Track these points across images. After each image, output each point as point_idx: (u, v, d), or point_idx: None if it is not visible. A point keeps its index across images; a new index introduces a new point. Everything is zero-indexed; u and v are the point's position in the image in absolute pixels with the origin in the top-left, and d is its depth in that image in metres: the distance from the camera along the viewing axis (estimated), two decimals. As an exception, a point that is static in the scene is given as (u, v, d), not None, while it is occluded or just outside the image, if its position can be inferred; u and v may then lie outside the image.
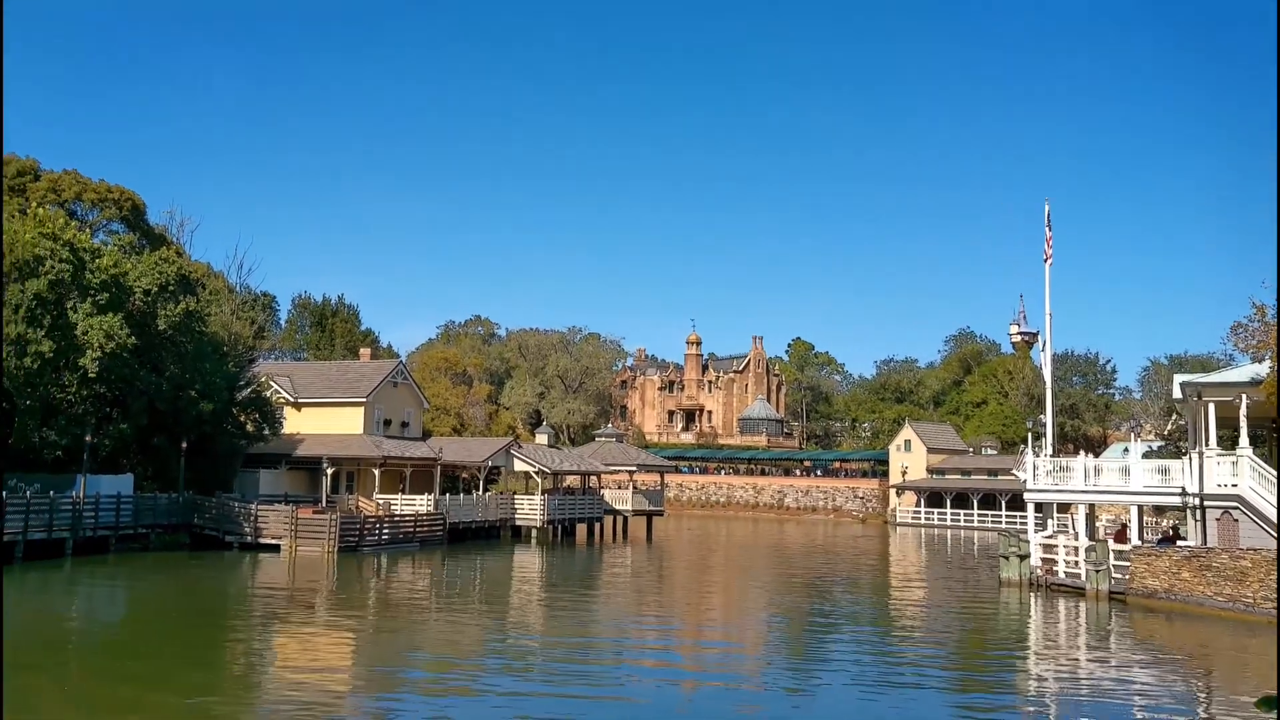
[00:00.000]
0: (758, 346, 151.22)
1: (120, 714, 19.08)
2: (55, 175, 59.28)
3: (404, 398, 70.00)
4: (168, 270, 53.78)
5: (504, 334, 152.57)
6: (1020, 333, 48.58)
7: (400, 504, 59.98)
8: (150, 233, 63.79)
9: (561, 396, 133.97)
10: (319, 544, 50.10)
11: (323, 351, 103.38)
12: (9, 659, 23.78)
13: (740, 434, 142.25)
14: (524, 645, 27.77)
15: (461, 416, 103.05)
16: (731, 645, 29.35)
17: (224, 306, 66.98)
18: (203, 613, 33.21)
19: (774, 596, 41.12)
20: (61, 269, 47.55)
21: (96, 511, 46.79)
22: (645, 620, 34.13)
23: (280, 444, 61.84)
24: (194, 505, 52.46)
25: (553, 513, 65.42)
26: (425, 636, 29.29)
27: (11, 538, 42.01)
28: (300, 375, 69.73)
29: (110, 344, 47.37)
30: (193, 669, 23.42)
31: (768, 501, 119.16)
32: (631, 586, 44.17)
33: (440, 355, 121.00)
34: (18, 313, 45.64)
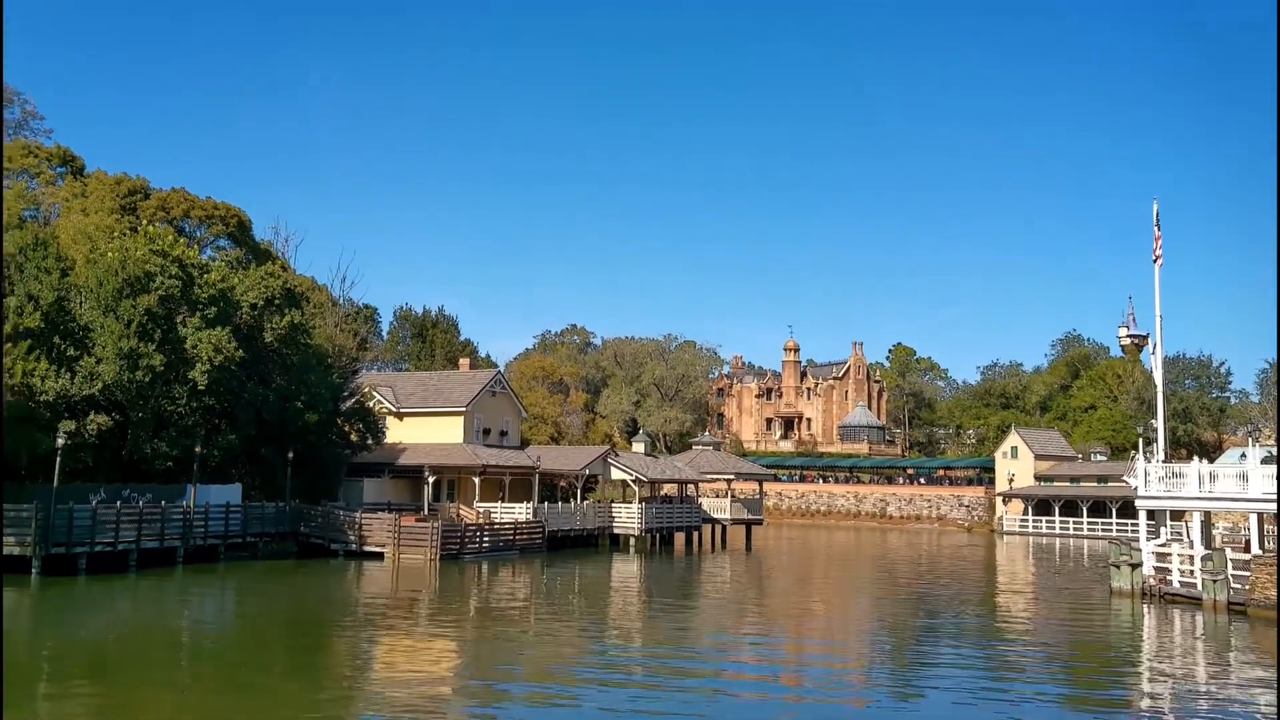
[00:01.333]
0: (857, 352, 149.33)
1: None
2: (164, 194, 61.17)
3: (502, 407, 70.59)
4: (273, 284, 55.10)
5: (599, 343, 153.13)
6: (1130, 335, 47.05)
7: (500, 512, 60.45)
8: (256, 248, 65.41)
9: (658, 404, 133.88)
10: (421, 552, 50.71)
11: (423, 362, 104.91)
12: (123, 666, 24.50)
13: (840, 441, 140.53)
14: (623, 656, 27.61)
15: (558, 425, 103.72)
16: (833, 657, 28.79)
17: (328, 319, 68.37)
18: (309, 620, 33.81)
19: (877, 607, 40.36)
20: (171, 284, 49.03)
21: (206, 521, 48.00)
22: (745, 631, 33.71)
23: (383, 453, 62.88)
24: (300, 514, 53.53)
25: (650, 521, 65.28)
26: (526, 645, 29.30)
27: (125, 547, 43.35)
28: (402, 385, 70.85)
29: (219, 357, 48.67)
30: (299, 676, 23.79)
31: (870, 510, 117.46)
32: (731, 596, 43.76)
33: (537, 364, 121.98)
34: (130, 327, 47.15)
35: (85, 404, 45.46)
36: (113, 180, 60.52)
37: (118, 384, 46.41)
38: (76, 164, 65.64)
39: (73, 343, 46.93)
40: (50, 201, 61.78)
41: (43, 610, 34.16)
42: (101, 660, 25.48)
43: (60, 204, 60.63)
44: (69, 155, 65.95)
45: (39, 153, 65.64)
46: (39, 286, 46.82)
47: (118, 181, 60.35)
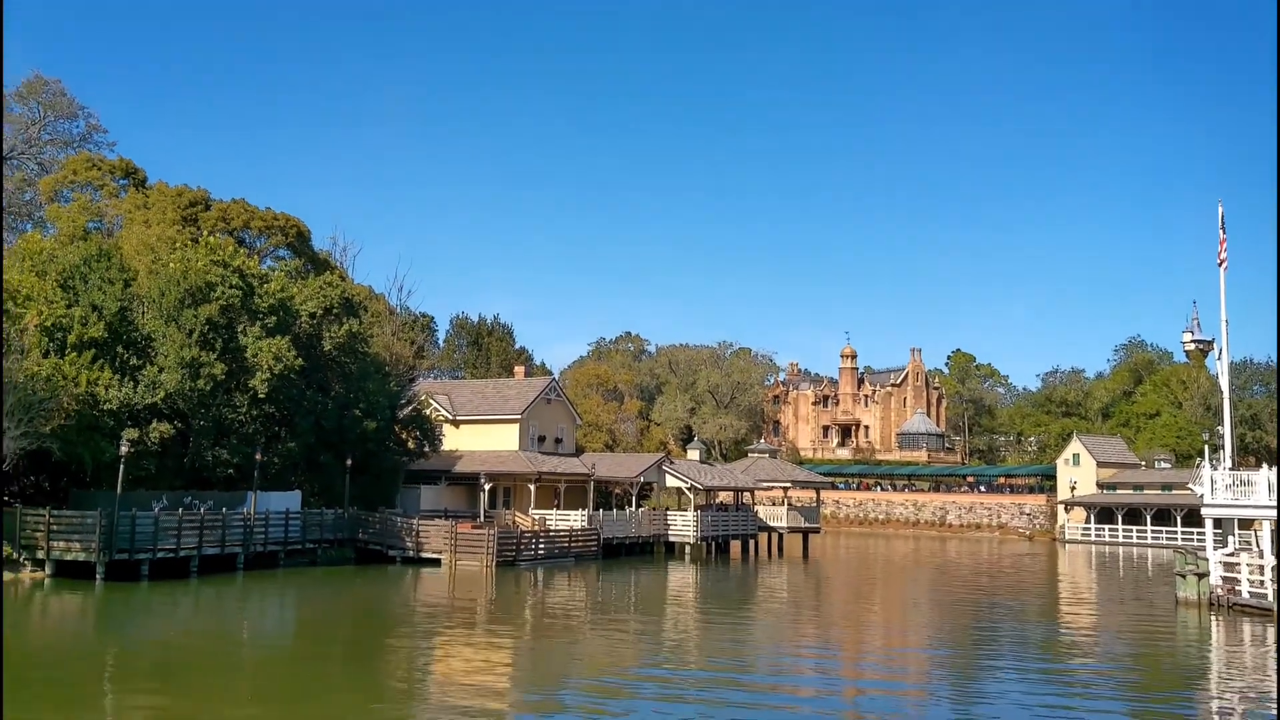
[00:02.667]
0: (916, 359, 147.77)
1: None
2: (225, 205, 62.08)
3: (557, 414, 70.72)
4: (332, 294, 55.68)
5: (654, 350, 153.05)
6: (1194, 340, 46.00)
7: (555, 519, 60.52)
8: (315, 258, 66.19)
9: (713, 412, 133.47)
10: (478, 558, 50.89)
11: (479, 370, 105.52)
12: (184, 671, 24.76)
13: (899, 449, 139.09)
14: (680, 666, 27.40)
15: (613, 432, 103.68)
16: (893, 668, 28.36)
17: (385, 328, 69.04)
18: (367, 626, 34.02)
19: (937, 618, 39.77)
20: (232, 294, 49.69)
21: (266, 527, 48.51)
22: (803, 640, 33.37)
23: (440, 460, 63.26)
24: (358, 520, 53.96)
25: (706, 529, 64.98)
26: (582, 653, 29.22)
27: (187, 553, 43.93)
28: (458, 393, 71.26)
29: (279, 366, 49.23)
30: (357, 683, 23.89)
31: (929, 519, 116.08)
32: (788, 605, 43.37)
33: (591, 372, 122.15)
34: (191, 337, 47.87)
35: (148, 412, 46.19)
36: (174, 192, 61.51)
37: (180, 393, 47.12)
38: (139, 176, 66.82)
39: (135, 352, 47.75)
40: (113, 213, 62.94)
41: (106, 615, 34.73)
42: (163, 665, 25.77)
43: (123, 216, 61.72)
44: (131, 168, 67.18)
45: (102, 165, 66.94)
46: (103, 297, 47.70)
47: (179, 193, 61.31)
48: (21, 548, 41.09)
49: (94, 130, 76.59)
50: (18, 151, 74.24)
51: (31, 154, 74.61)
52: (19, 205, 73.47)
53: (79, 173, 65.87)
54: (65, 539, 41.02)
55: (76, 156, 69.49)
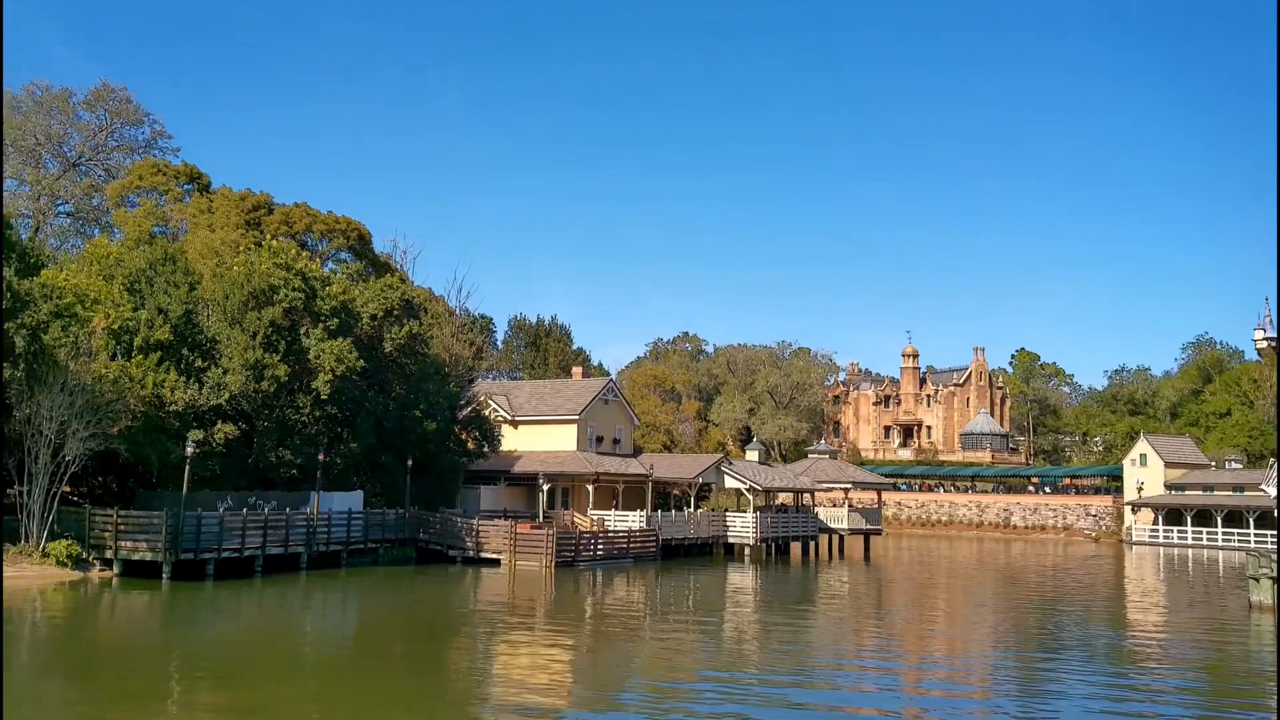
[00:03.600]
0: (979, 358, 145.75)
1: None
2: (287, 208, 62.83)
3: (615, 415, 70.71)
4: (392, 296, 56.13)
5: (712, 350, 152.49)
6: (1266, 338, 44.86)
7: (613, 520, 60.45)
8: (375, 260, 66.81)
9: (772, 412, 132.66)
10: (537, 559, 50.97)
11: (537, 371, 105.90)
12: (248, 669, 25.00)
13: (962, 450, 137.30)
14: (739, 668, 27.16)
15: (671, 433, 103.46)
16: (955, 673, 27.82)
17: (445, 329, 69.49)
18: (428, 626, 34.17)
19: (1001, 622, 39.08)
20: (295, 297, 50.26)
21: (329, 527, 48.95)
22: (864, 643, 32.92)
23: (499, 461, 63.53)
24: (419, 521, 54.30)
25: (766, 530, 64.54)
26: (641, 655, 29.07)
27: (251, 552, 44.46)
28: (516, 394, 71.52)
29: (340, 367, 49.71)
30: (418, 682, 23.97)
31: (992, 520, 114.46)
32: (849, 608, 42.87)
33: (649, 372, 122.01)
34: (255, 339, 48.48)
35: (213, 414, 46.85)
36: (237, 196, 62.39)
37: (244, 394, 47.76)
38: (203, 181, 67.89)
39: (201, 354, 48.47)
40: (178, 218, 63.98)
41: (172, 614, 35.20)
42: (227, 664, 26.02)
43: (188, 220, 62.73)
44: (196, 173, 68.28)
45: (167, 171, 68.07)
46: (168, 300, 48.48)
47: (242, 197, 62.17)
48: (90, 547, 41.85)
49: (159, 136, 78.10)
50: (85, 158, 75.88)
51: (99, 160, 76.24)
52: (87, 210, 75.09)
53: (145, 178, 67.03)
54: (133, 539, 41.69)
55: (142, 162, 70.74)
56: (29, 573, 39.34)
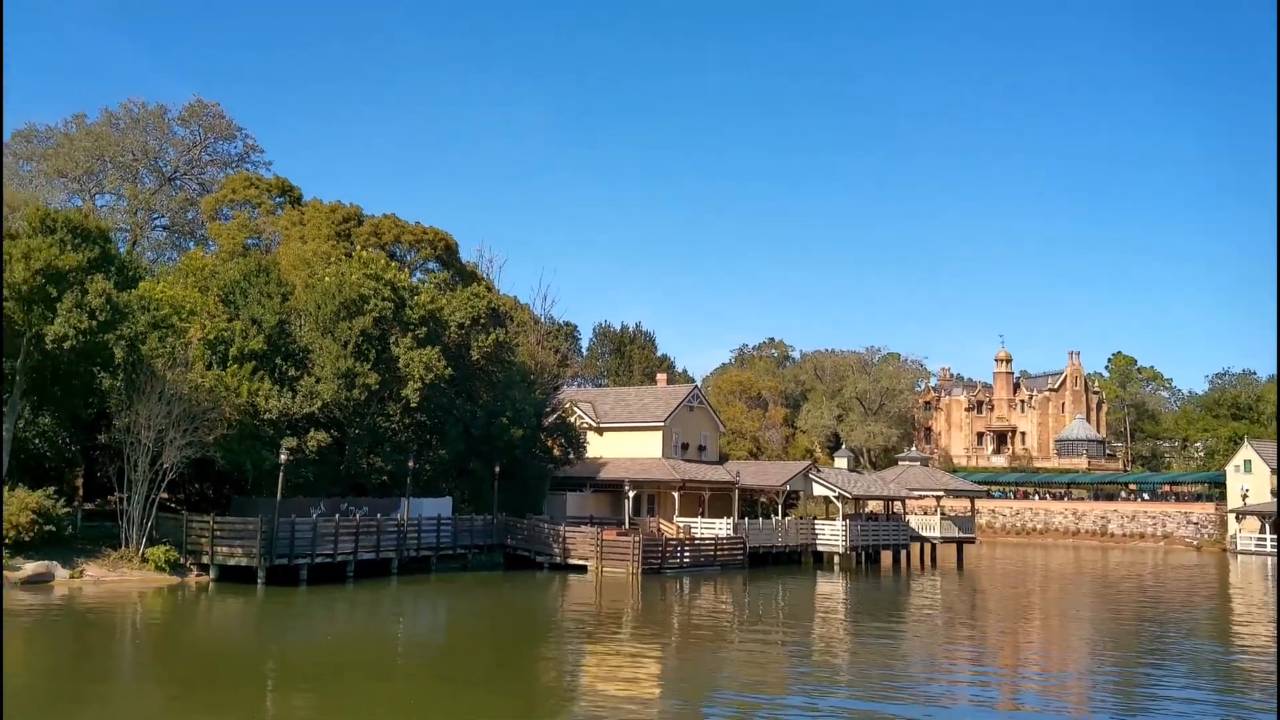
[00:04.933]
0: (1074, 362, 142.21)
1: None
2: (376, 220, 63.74)
3: (700, 421, 70.37)
4: (479, 304, 56.57)
5: (798, 356, 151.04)
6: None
7: (700, 527, 60.09)
8: (462, 270, 67.41)
9: (861, 419, 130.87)
10: (623, 565, 50.83)
11: (621, 378, 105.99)
12: (341, 674, 25.21)
13: (1057, 456, 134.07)
14: (829, 678, 26.66)
15: (757, 440, 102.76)
16: (1051, 687, 26.90)
17: (530, 337, 69.86)
18: (517, 632, 34.25)
19: (1100, 634, 37.86)
20: (384, 307, 50.90)
21: (419, 533, 49.41)
22: (957, 655, 32.12)
23: (584, 467, 63.61)
24: (507, 527, 54.57)
25: (855, 539, 63.61)
26: (729, 663, 28.73)
27: (344, 558, 45.05)
28: (601, 401, 71.58)
29: (429, 375, 50.19)
30: (507, 687, 23.99)
31: (1089, 528, 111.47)
32: (942, 618, 41.93)
33: (735, 379, 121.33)
34: (346, 348, 49.19)
35: (306, 421, 47.59)
36: (328, 208, 63.43)
37: (336, 402, 48.46)
38: (294, 194, 69.23)
39: (293, 363, 49.31)
40: (271, 230, 65.30)
41: (267, 619, 35.77)
42: (320, 668, 26.33)
43: (280, 232, 63.96)
44: (287, 186, 69.65)
45: (259, 184, 69.57)
46: (262, 310, 49.42)
47: (333, 209, 63.20)
48: (187, 553, 42.76)
49: (251, 150, 79.95)
50: (180, 173, 77.98)
51: (193, 174, 78.29)
52: (183, 224, 77.14)
53: (238, 191, 68.57)
54: (228, 544, 42.50)
55: (235, 176, 72.39)
56: (129, 577, 40.35)
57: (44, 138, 75.89)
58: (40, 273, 37.73)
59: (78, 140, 73.99)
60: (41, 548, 39.34)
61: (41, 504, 39.43)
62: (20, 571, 37.75)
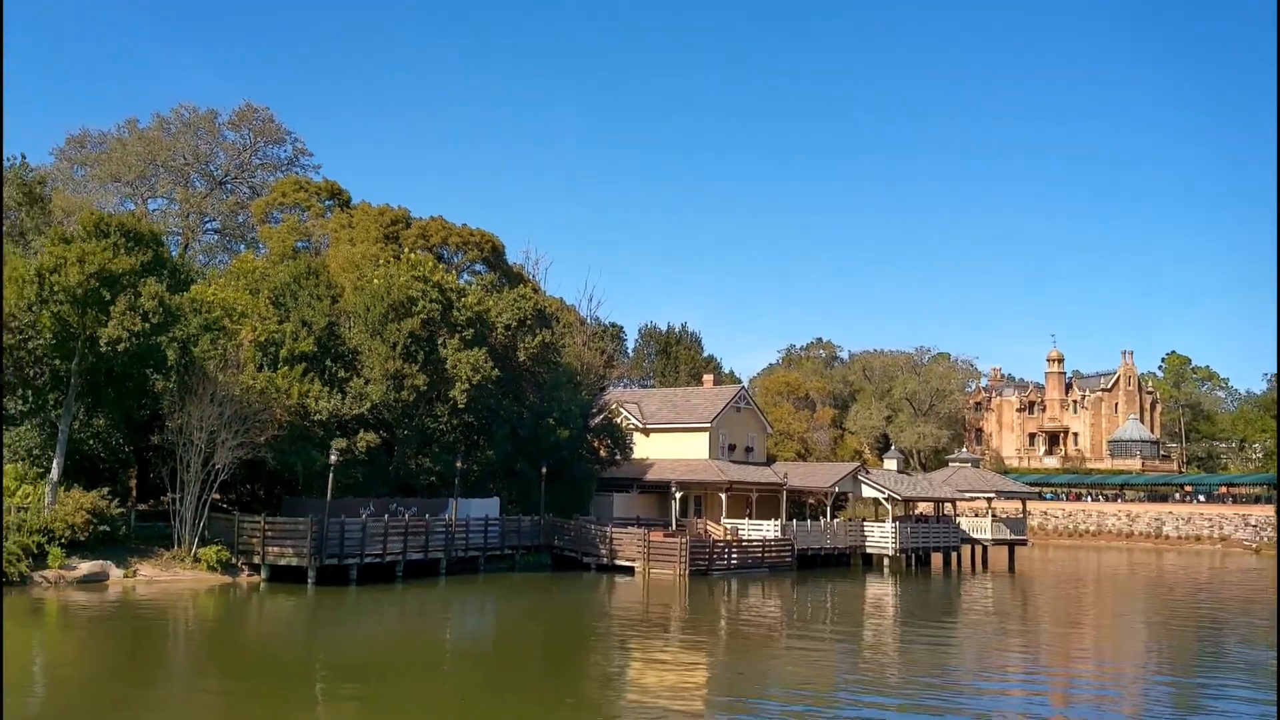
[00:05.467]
0: (1127, 362, 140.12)
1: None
2: (424, 222, 64.06)
3: (747, 422, 70.05)
4: (525, 306, 56.72)
5: (847, 356, 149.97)
6: None
7: (747, 529, 59.80)
8: (509, 271, 67.60)
9: (910, 420, 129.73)
10: (670, 567, 50.68)
11: (668, 378, 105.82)
12: (390, 672, 25.30)
13: (1110, 457, 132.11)
14: (879, 681, 26.35)
15: (805, 441, 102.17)
16: (1106, 694, 26.37)
17: (576, 338, 69.95)
18: (564, 633, 34.26)
19: (1154, 637, 37.16)
20: (432, 308, 51.15)
21: (467, 533, 49.61)
22: (1009, 659, 31.66)
23: (631, 468, 63.54)
24: (554, 528, 54.65)
25: (905, 541, 63.00)
26: (778, 665, 28.52)
27: (393, 558, 45.35)
28: (648, 402, 71.49)
29: (476, 376, 50.38)
30: (555, 687, 23.97)
31: (1143, 530, 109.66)
32: (994, 621, 41.37)
33: (782, 379, 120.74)
34: (395, 349, 49.49)
35: (355, 422, 47.93)
36: (376, 211, 63.86)
37: (384, 403, 48.77)
38: (343, 197, 69.80)
39: (343, 365, 49.70)
40: (320, 233, 65.88)
41: (317, 618, 36.01)
42: (371, 666, 26.46)
43: (329, 235, 64.49)
44: (336, 189, 70.25)
45: (309, 187, 70.22)
46: (312, 313, 49.87)
47: (381, 212, 63.61)
48: (239, 553, 43.22)
49: (301, 154, 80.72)
50: (231, 176, 78.95)
51: (244, 178, 79.23)
52: (233, 227, 78.09)
53: (288, 195, 69.25)
54: (279, 545, 42.89)
55: (285, 179, 73.12)
56: (182, 577, 40.84)
57: (97, 143, 77.14)
58: (94, 276, 38.29)
59: (130, 145, 75.12)
60: (96, 547, 39.94)
61: (96, 504, 40.03)
62: (75, 571, 38.35)
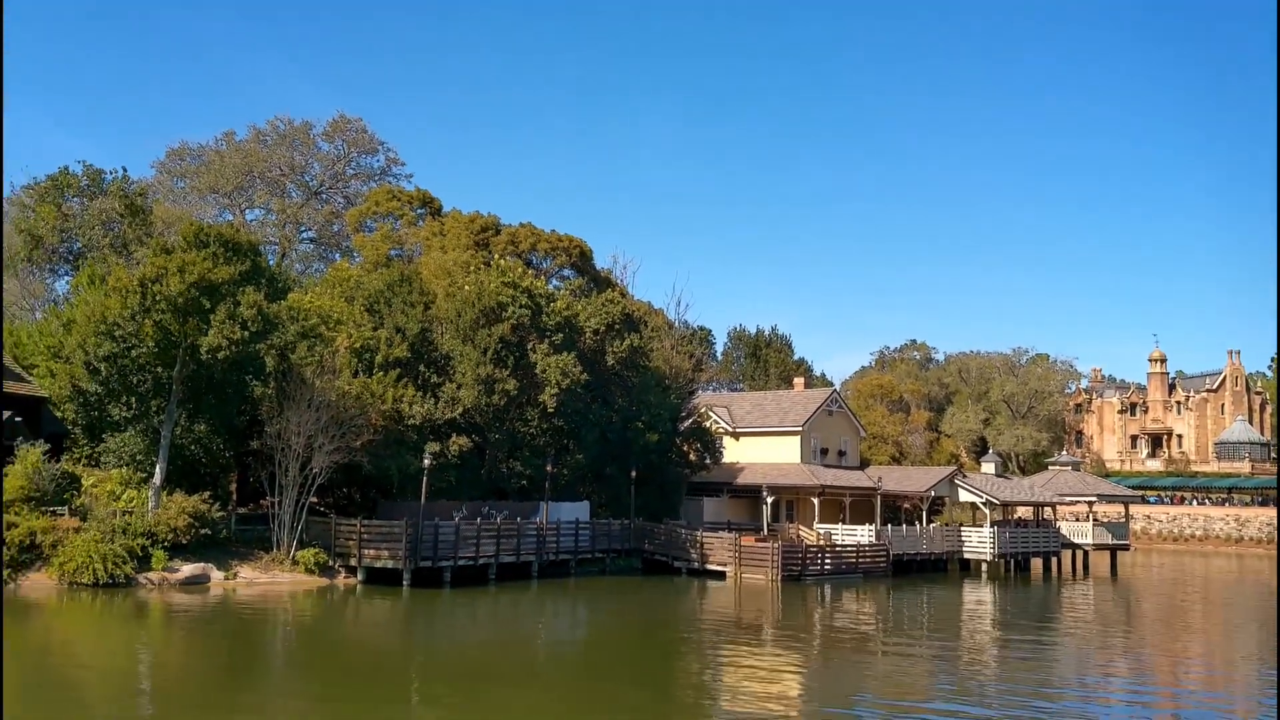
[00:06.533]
0: (1234, 362, 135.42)
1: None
2: (513, 229, 64.58)
3: (839, 426, 69.24)
4: (613, 310, 56.83)
5: (942, 358, 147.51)
6: None
7: (841, 534, 59.05)
8: (597, 276, 67.80)
9: (1008, 422, 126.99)
10: (762, 572, 50.25)
11: (757, 382, 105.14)
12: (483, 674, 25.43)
13: (1216, 460, 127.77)
14: (978, 690, 25.69)
15: (900, 444, 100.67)
16: (1216, 706, 25.30)
17: (664, 342, 69.86)
18: (656, 637, 34.14)
19: (1265, 648, 35.65)
20: (522, 314, 51.55)
21: (558, 537, 49.82)
22: (1113, 668, 30.66)
23: (720, 472, 63.21)
24: (644, 531, 54.59)
25: (1004, 546, 61.63)
26: (873, 673, 28.02)
27: (485, 561, 45.74)
28: (737, 406, 71.09)
29: (566, 381, 50.62)
30: (646, 691, 23.85)
31: (1254, 535, 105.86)
32: (1095, 628, 40.19)
33: (875, 382, 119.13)
34: (486, 355, 49.94)
35: (448, 427, 48.49)
36: (467, 219, 64.57)
37: (476, 408, 49.25)
38: (435, 205, 70.74)
39: (435, 370, 50.32)
40: (413, 241, 66.85)
41: (413, 619, 36.46)
42: (466, 667, 26.70)
43: (421, 243, 65.42)
44: (428, 197, 71.22)
45: (401, 196, 71.32)
46: (405, 319, 50.56)
47: (471, 219, 64.30)
48: (336, 555, 43.95)
49: (393, 164, 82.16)
50: (325, 187, 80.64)
51: (338, 188, 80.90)
52: (328, 236, 79.72)
53: (381, 204, 70.41)
54: (375, 547, 43.52)
55: (378, 189, 74.38)
56: (280, 579, 41.66)
57: (196, 156, 79.43)
58: (195, 285, 39.31)
59: (228, 157, 77.19)
60: (198, 550, 40.93)
61: (198, 508, 41.01)
62: (178, 573, 39.35)
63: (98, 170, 68.04)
